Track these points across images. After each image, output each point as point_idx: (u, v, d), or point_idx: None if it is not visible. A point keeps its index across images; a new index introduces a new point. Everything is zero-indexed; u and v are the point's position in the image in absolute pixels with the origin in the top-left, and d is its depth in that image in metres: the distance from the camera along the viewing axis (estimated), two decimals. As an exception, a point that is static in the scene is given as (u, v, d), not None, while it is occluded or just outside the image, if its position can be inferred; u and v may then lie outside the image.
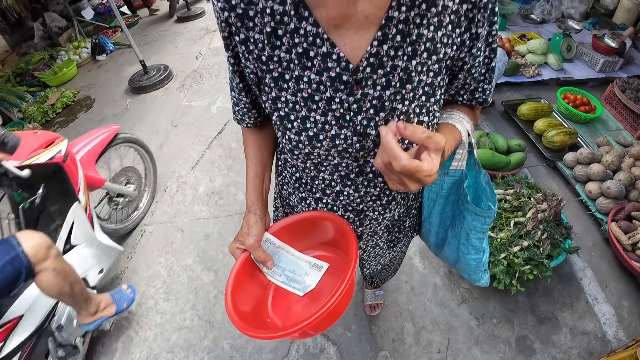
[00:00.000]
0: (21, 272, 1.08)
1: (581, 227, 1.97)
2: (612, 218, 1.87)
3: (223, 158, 2.57)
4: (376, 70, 0.50)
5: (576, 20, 4.14)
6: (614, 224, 1.84)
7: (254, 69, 0.55)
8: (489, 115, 2.76)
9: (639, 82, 2.77)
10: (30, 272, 1.12)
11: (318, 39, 0.48)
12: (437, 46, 0.51)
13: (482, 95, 0.63)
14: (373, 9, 0.47)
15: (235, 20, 0.50)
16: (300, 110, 0.55)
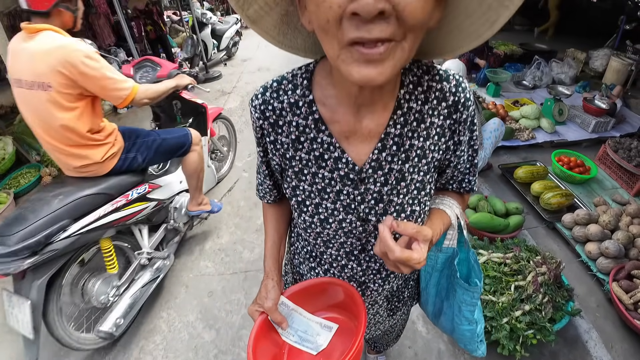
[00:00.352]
0: (185, 144, 1.95)
1: (584, 288, 1.99)
2: (613, 278, 1.90)
3: (231, 216, 2.67)
4: (376, 171, 0.63)
5: (567, 84, 4.41)
6: (615, 284, 1.86)
7: (279, 162, 0.69)
8: (487, 179, 2.89)
9: (630, 141, 2.90)
10: (188, 147, 1.97)
11: (332, 146, 0.62)
12: (426, 152, 0.64)
13: (469, 185, 0.76)
14: (375, 126, 0.60)
15: (267, 127, 0.65)
16: (314, 198, 0.67)
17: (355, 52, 0.42)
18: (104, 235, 1.66)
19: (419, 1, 0.40)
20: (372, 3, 0.37)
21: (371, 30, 0.40)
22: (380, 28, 0.40)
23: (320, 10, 0.41)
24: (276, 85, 0.63)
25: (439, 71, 0.61)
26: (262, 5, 0.52)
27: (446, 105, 0.61)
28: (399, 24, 0.41)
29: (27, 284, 1.40)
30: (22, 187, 3.41)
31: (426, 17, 0.42)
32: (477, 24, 0.48)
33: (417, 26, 0.42)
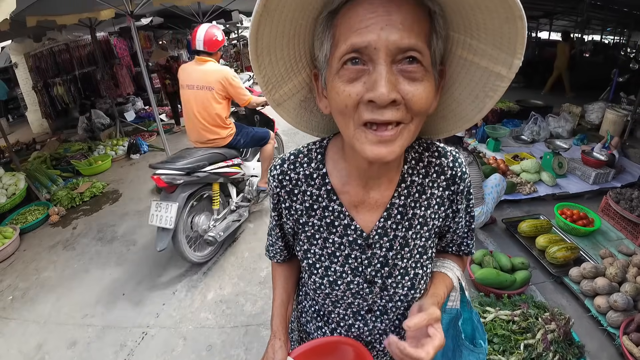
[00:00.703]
0: (266, 138, 3.07)
1: (596, 343, 1.92)
2: (623, 331, 1.84)
3: (235, 267, 2.67)
4: (382, 238, 0.68)
5: (564, 138, 4.51)
6: (625, 337, 1.80)
7: (292, 226, 0.74)
8: (492, 233, 2.88)
9: (631, 191, 2.89)
10: (267, 140, 3.07)
11: (342, 214, 0.68)
12: (427, 220, 0.69)
13: (467, 248, 0.81)
14: (381, 197, 0.67)
15: (284, 194, 0.71)
16: (324, 261, 0.72)
17: (370, 134, 0.49)
18: (217, 180, 2.71)
19: (423, 92, 0.48)
20: (385, 94, 0.45)
21: (384, 113, 0.48)
22: (392, 113, 0.48)
23: (341, 97, 0.50)
24: (293, 158, 0.70)
25: (438, 148, 0.70)
26: (287, 91, 0.62)
27: (445, 178, 0.68)
28: (407, 110, 0.49)
29: (177, 194, 2.41)
30: (29, 223, 3.44)
31: (429, 105, 0.51)
32: (467, 110, 0.59)
33: (422, 112, 0.50)
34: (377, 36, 0.45)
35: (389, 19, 0.45)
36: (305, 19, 0.52)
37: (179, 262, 2.76)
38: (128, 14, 3.27)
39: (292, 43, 0.55)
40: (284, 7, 0.48)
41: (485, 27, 0.47)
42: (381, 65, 0.46)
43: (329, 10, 0.50)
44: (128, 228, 3.33)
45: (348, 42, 0.47)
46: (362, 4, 0.47)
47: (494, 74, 0.51)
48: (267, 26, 0.49)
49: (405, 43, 0.45)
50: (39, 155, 4.93)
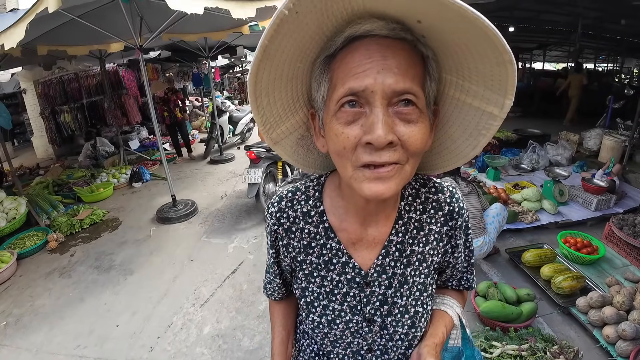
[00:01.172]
0: None
1: None
2: None
3: (233, 299, 2.61)
4: (381, 275, 0.67)
5: (564, 165, 4.51)
6: None
7: (290, 263, 0.73)
8: (495, 264, 2.82)
9: (634, 216, 2.86)
10: None
11: (340, 252, 0.67)
12: (426, 257, 0.69)
13: (467, 283, 0.81)
14: (379, 234, 0.67)
15: (282, 232, 0.70)
16: (322, 300, 0.70)
17: (367, 172, 0.50)
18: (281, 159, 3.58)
19: (418, 134, 0.50)
20: (383, 136, 0.47)
21: (381, 155, 0.49)
22: (389, 154, 0.49)
23: (339, 139, 0.51)
24: (291, 196, 0.70)
25: (435, 184, 0.70)
26: (284, 130, 0.63)
27: (442, 214, 0.69)
28: (403, 151, 0.50)
29: (261, 164, 3.66)
30: (27, 249, 3.42)
31: (424, 145, 0.52)
32: (462, 147, 0.60)
33: (417, 153, 0.52)
34: (373, 80, 0.47)
35: (384, 64, 0.47)
36: (303, 63, 0.54)
37: (176, 294, 2.70)
38: (137, 47, 3.41)
39: (290, 85, 0.57)
40: (283, 53, 0.49)
41: (476, 70, 0.48)
42: (378, 108, 0.47)
43: (326, 55, 0.52)
44: (126, 257, 3.29)
45: (346, 85, 0.49)
46: (359, 49, 0.48)
47: (486, 114, 0.52)
48: (266, 70, 0.51)
49: (400, 86, 0.47)
50: (42, 181, 4.97)
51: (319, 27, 0.48)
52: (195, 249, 3.34)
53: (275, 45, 0.47)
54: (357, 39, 0.49)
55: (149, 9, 3.64)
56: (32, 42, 3.71)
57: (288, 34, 0.46)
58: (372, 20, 0.47)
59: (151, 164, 5.99)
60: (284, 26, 0.45)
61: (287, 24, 0.44)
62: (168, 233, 3.70)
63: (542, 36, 11.15)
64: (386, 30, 0.47)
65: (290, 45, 0.49)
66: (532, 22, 9.21)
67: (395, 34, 0.48)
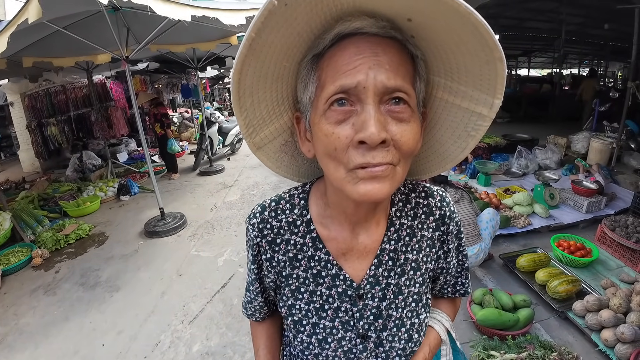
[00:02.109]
0: None
1: None
2: None
3: (223, 315, 2.53)
4: (374, 287, 0.64)
5: (553, 169, 4.57)
6: None
7: (274, 279, 0.68)
8: (490, 270, 2.80)
9: (626, 217, 2.88)
10: None
11: (329, 264, 0.64)
12: (420, 264, 0.67)
13: (463, 288, 0.79)
14: (370, 243, 0.63)
15: (265, 244, 0.66)
16: (312, 317, 0.66)
17: (361, 172, 0.48)
18: None
19: (410, 133, 0.48)
20: (376, 133, 0.45)
21: (375, 156, 0.47)
22: (382, 155, 0.47)
23: (330, 140, 0.48)
24: (274, 205, 0.67)
25: (424, 188, 0.68)
26: (267, 135, 0.61)
27: (434, 219, 0.67)
28: (396, 151, 0.48)
29: None
30: (11, 265, 3.31)
31: (416, 145, 0.51)
32: (450, 150, 0.59)
33: (409, 153, 0.50)
34: (365, 76, 0.45)
35: (376, 60, 0.46)
36: (289, 62, 0.52)
37: (164, 311, 2.61)
38: (123, 58, 3.36)
39: (276, 85, 0.54)
40: (269, 50, 0.47)
41: (465, 70, 0.47)
42: (370, 105, 0.46)
43: (314, 54, 0.50)
44: (112, 273, 3.18)
45: (337, 83, 0.47)
46: (349, 47, 0.47)
47: (475, 114, 0.51)
48: (251, 67, 0.48)
49: (392, 84, 0.46)
50: (27, 195, 4.85)
51: (307, 24, 0.46)
52: (184, 263, 3.25)
53: (262, 40, 0.45)
54: (347, 36, 0.48)
55: (135, 20, 3.61)
56: (18, 53, 3.64)
57: (276, 27, 0.44)
58: (362, 18, 0.46)
59: (140, 176, 5.89)
60: (272, 18, 0.42)
61: (275, 16, 0.42)
62: (156, 247, 3.60)
63: (526, 43, 11.47)
64: (376, 28, 0.46)
65: (278, 40, 0.46)
66: (516, 30, 9.49)
67: (385, 32, 0.47)
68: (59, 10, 2.80)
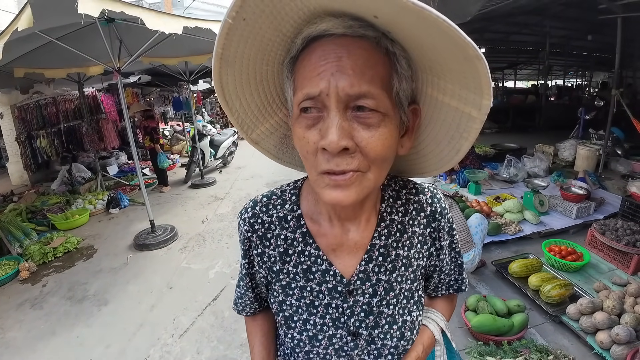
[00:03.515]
0: None
1: None
2: None
3: (215, 327, 2.47)
4: (364, 283, 0.63)
5: (541, 176, 4.65)
6: None
7: (265, 275, 0.68)
8: (483, 276, 2.80)
9: (615, 221, 2.93)
10: None
11: (319, 259, 0.63)
12: (412, 261, 0.66)
13: (456, 284, 0.78)
14: (360, 238, 0.63)
15: (256, 239, 0.66)
16: (302, 314, 0.65)
17: (327, 178, 0.49)
18: None
19: (378, 139, 0.47)
20: (335, 141, 0.44)
21: (339, 163, 0.47)
22: (346, 162, 0.47)
23: (301, 143, 0.49)
24: (266, 200, 0.67)
25: (415, 185, 0.68)
26: (264, 131, 0.62)
27: (424, 215, 0.66)
28: (363, 157, 0.47)
29: None
30: None
31: (386, 151, 0.49)
32: (445, 151, 0.57)
33: (379, 159, 0.49)
34: (327, 83, 0.45)
35: (339, 65, 0.45)
36: (269, 65, 0.52)
37: (153, 324, 2.54)
38: (115, 70, 3.36)
39: (261, 88, 0.55)
40: (243, 57, 0.48)
41: (448, 67, 0.45)
42: (333, 111, 0.45)
43: (290, 56, 0.51)
44: (100, 286, 3.10)
45: (304, 90, 0.47)
46: (316, 50, 0.47)
47: (465, 115, 0.49)
48: (230, 75, 0.49)
49: (355, 90, 0.44)
50: (15, 208, 4.75)
51: (276, 30, 0.46)
52: (174, 276, 3.19)
53: (231, 52, 0.45)
54: (316, 39, 0.47)
55: (128, 32, 3.62)
56: (9, 64, 3.63)
57: (242, 40, 0.45)
58: (327, 19, 0.45)
59: (130, 189, 5.80)
60: (235, 33, 0.43)
61: (237, 30, 0.43)
62: (146, 260, 3.53)
63: (512, 56, 11.79)
64: (342, 29, 0.45)
65: (249, 50, 0.47)
66: (502, 44, 9.77)
67: (354, 31, 0.45)
68: (52, 20, 2.82)
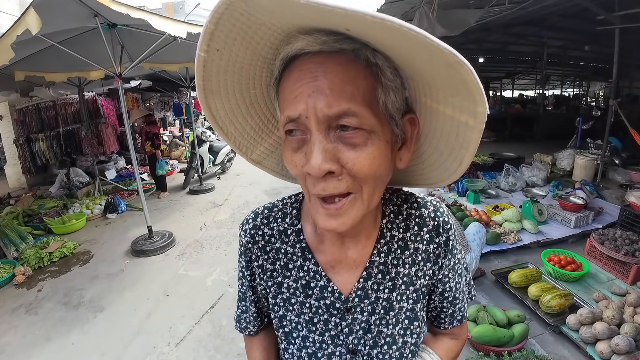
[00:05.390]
0: None
1: None
2: None
3: (212, 336, 2.44)
4: (363, 300, 0.61)
5: (540, 186, 4.65)
6: None
7: (265, 287, 0.66)
8: (482, 286, 2.79)
9: (614, 231, 2.92)
10: None
11: (318, 275, 0.62)
12: (413, 279, 0.63)
13: (460, 313, 0.71)
14: (359, 255, 0.61)
15: (256, 251, 0.65)
16: (302, 330, 0.64)
17: (319, 207, 0.47)
18: None
19: (366, 158, 0.45)
20: (317, 166, 0.43)
21: (325, 188, 0.45)
22: (334, 185, 0.45)
23: (290, 166, 0.49)
24: (267, 212, 0.66)
25: (417, 199, 0.65)
26: (264, 150, 0.61)
27: (427, 230, 0.63)
28: (352, 179, 0.45)
29: None
30: None
31: (376, 170, 0.46)
32: (449, 161, 0.53)
33: (369, 179, 0.47)
34: (305, 105, 0.43)
35: (315, 85, 0.43)
36: (256, 89, 0.52)
37: (149, 332, 2.51)
38: (116, 75, 3.37)
39: (253, 110, 0.54)
40: (227, 85, 0.47)
41: (435, 75, 0.42)
42: (315, 134, 0.44)
43: (274, 78, 0.50)
44: (96, 292, 3.07)
45: (285, 113, 0.46)
46: (294, 71, 0.45)
47: (462, 124, 0.46)
48: (218, 103, 0.49)
49: (334, 110, 0.42)
50: (12, 211, 4.72)
51: (254, 54, 0.46)
52: (171, 283, 3.15)
53: (213, 83, 0.45)
54: (294, 58, 0.46)
55: (130, 38, 3.65)
56: (10, 67, 3.62)
57: (221, 70, 0.45)
58: (301, 38, 0.43)
59: (128, 194, 5.77)
60: (212, 64, 0.43)
61: (213, 62, 0.43)
62: (143, 266, 3.49)
63: (510, 66, 11.94)
64: (318, 45, 0.43)
65: (231, 77, 0.47)
66: (500, 53, 9.90)
67: (330, 47, 0.43)
68: (56, 24, 2.83)
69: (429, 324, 0.75)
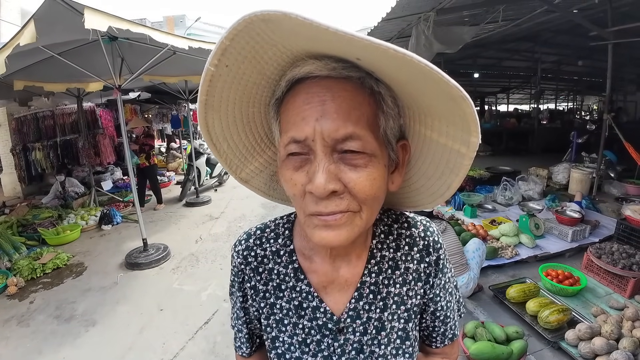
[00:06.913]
0: None
1: None
2: None
3: (205, 353, 2.38)
4: (355, 321, 0.61)
5: (536, 199, 4.67)
6: None
7: (257, 308, 0.66)
8: (480, 302, 2.76)
9: (610, 244, 2.91)
10: None
11: (310, 295, 0.62)
12: (404, 299, 0.64)
13: (451, 332, 0.72)
14: (351, 276, 0.61)
15: (249, 272, 0.65)
16: (294, 351, 0.64)
17: (316, 219, 0.48)
18: None
19: (367, 180, 0.47)
20: (322, 186, 0.44)
21: (327, 205, 0.46)
22: (335, 203, 0.46)
23: (288, 185, 0.49)
24: (259, 233, 0.66)
25: (407, 218, 0.66)
26: (253, 169, 0.62)
27: (417, 249, 0.64)
28: (352, 198, 0.47)
29: None
30: None
31: (376, 191, 0.48)
32: (436, 186, 0.56)
33: (369, 199, 0.48)
34: (312, 128, 0.45)
35: (323, 109, 0.45)
36: (256, 107, 0.53)
37: (142, 348, 2.46)
38: (116, 87, 3.39)
39: (248, 128, 0.55)
40: (228, 102, 0.48)
41: (434, 106, 0.45)
42: (320, 155, 0.45)
43: (276, 98, 0.51)
44: (89, 306, 3.01)
45: (289, 134, 0.47)
46: (300, 93, 0.47)
47: (454, 152, 0.48)
48: (216, 119, 0.50)
49: (341, 133, 0.44)
50: (6, 220, 4.69)
51: (260, 73, 0.47)
52: (165, 297, 3.10)
53: (216, 98, 0.46)
54: (300, 81, 0.47)
55: (130, 51, 3.69)
56: (9, 76, 3.65)
57: (226, 86, 0.46)
58: (310, 62, 0.45)
59: (123, 205, 5.74)
60: (219, 80, 0.44)
61: (220, 77, 0.44)
62: (137, 280, 3.44)
63: (504, 81, 12.15)
64: (326, 71, 0.45)
65: (234, 94, 0.48)
66: (495, 69, 10.09)
67: (338, 73, 0.45)
68: (55, 37, 2.86)
69: (420, 343, 0.75)
